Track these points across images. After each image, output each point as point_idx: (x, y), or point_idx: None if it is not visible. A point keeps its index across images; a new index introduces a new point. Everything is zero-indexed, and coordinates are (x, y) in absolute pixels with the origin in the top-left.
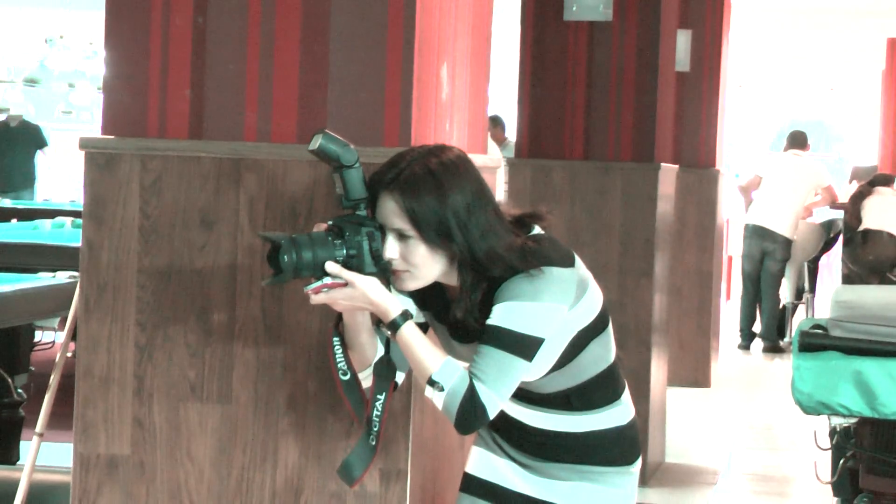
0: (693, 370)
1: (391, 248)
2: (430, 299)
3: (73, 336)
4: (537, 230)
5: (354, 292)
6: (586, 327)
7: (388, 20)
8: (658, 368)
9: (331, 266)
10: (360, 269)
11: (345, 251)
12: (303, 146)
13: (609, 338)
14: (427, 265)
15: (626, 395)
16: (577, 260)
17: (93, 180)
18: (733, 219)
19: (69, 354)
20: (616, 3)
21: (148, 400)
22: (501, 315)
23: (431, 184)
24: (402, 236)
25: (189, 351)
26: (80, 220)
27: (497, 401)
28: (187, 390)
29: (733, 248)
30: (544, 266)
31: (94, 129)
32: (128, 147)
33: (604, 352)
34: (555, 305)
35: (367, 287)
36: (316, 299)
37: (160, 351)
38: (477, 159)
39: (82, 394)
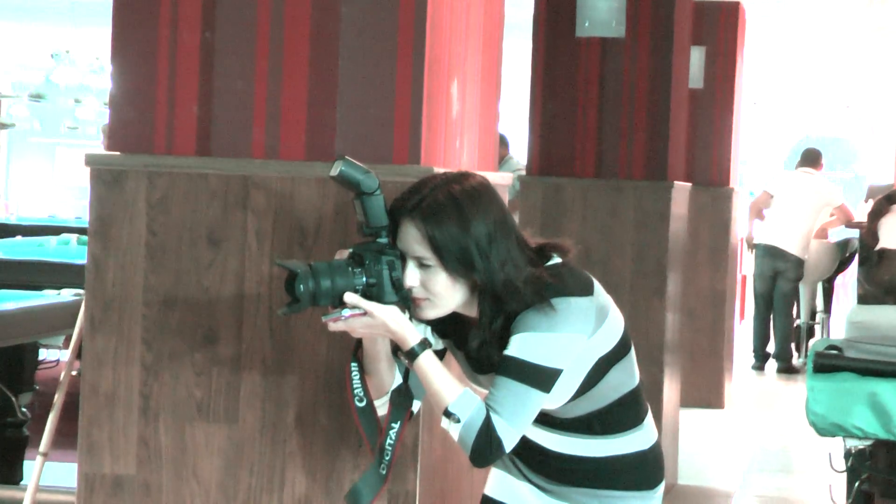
0: (706, 391)
1: (411, 276)
2: (449, 328)
3: (79, 354)
4: (556, 259)
5: (373, 321)
6: (607, 354)
7: (398, 37)
8: (671, 389)
9: (350, 297)
10: (379, 298)
11: (364, 280)
12: (312, 164)
13: (631, 362)
14: (447, 294)
15: (649, 419)
16: (597, 287)
17: (99, 197)
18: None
19: (74, 373)
20: (629, 19)
21: (154, 419)
22: (518, 346)
23: (454, 211)
24: (422, 264)
25: (195, 370)
26: (85, 237)
27: (514, 434)
28: (194, 410)
29: (747, 267)
30: (561, 297)
31: (101, 146)
32: (134, 164)
33: (626, 377)
34: (573, 336)
35: (387, 316)
36: (334, 327)
37: (166, 370)
38: (488, 177)
39: (87, 413)
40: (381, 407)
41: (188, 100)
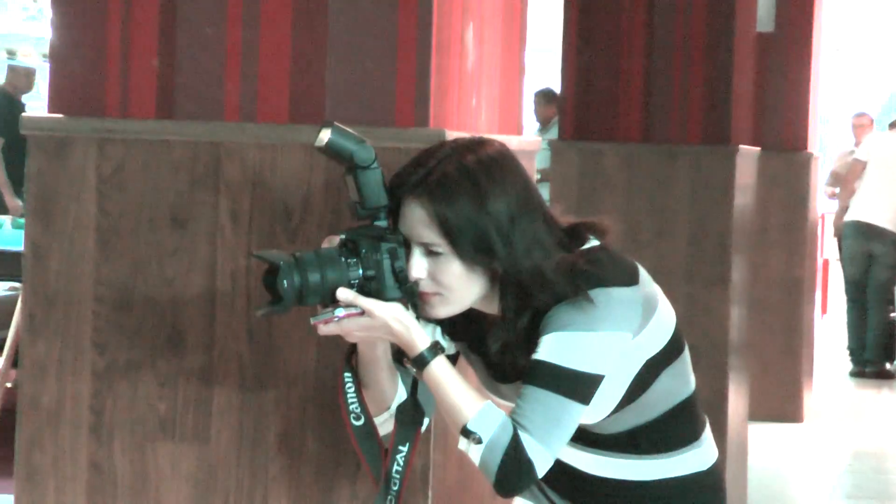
0: (781, 401)
1: (418, 266)
2: (463, 328)
3: (15, 362)
4: (593, 242)
5: (373, 322)
6: (656, 356)
7: None
8: (737, 399)
9: (343, 293)
10: (379, 294)
11: (360, 272)
12: (297, 128)
13: (685, 366)
14: (462, 287)
15: (707, 434)
16: (643, 274)
17: (39, 170)
18: (828, 214)
19: (9, 385)
20: None
21: (108, 439)
22: (550, 348)
23: (468, 186)
24: (431, 252)
25: (158, 379)
26: (21, 220)
27: (547, 455)
28: (156, 427)
29: (830, 249)
30: (600, 288)
31: (41, 108)
32: (82, 129)
33: (679, 383)
34: (615, 334)
35: (389, 315)
36: (325, 330)
37: (123, 379)
38: (510, 142)
39: (26, 432)
40: (383, 425)
41: (146, 51)
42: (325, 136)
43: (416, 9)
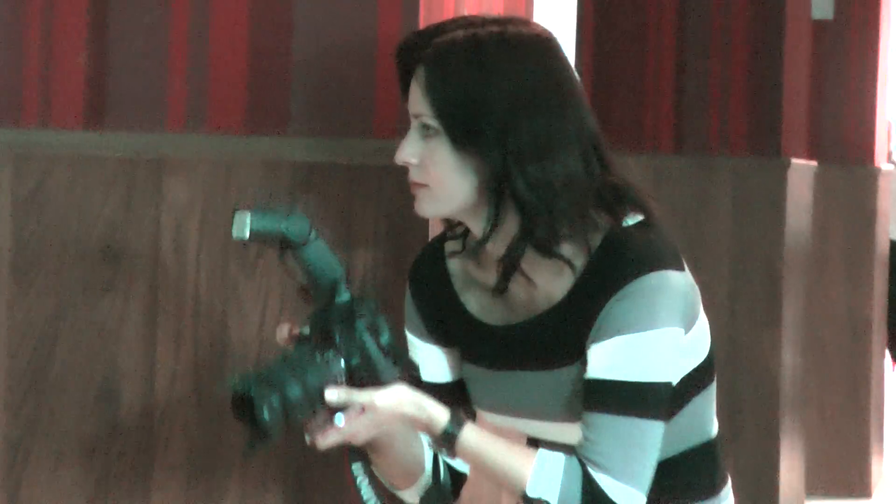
0: (845, 469)
1: (410, 148)
2: (454, 326)
3: None
4: (637, 218)
5: (379, 415)
6: (693, 371)
7: None
8: (791, 467)
9: (332, 395)
10: (374, 381)
11: (342, 363)
12: (255, 139)
13: (713, 397)
14: (451, 181)
15: (728, 493)
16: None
17: None
18: None
19: None
20: None
21: None
22: (613, 359)
23: (472, 56)
24: (425, 131)
25: (85, 447)
26: None
27: (634, 493)
28: None
29: None
30: (659, 271)
31: None
32: None
33: (706, 417)
34: (674, 330)
35: (395, 402)
36: (328, 442)
37: (41, 449)
38: None
39: None
40: (414, 495)
41: (72, 46)
42: (242, 225)
43: None
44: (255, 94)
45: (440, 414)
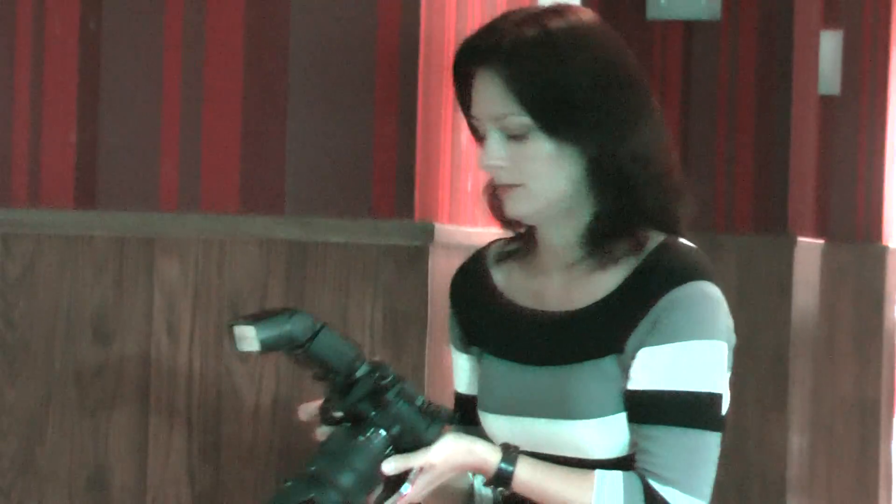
0: None
1: (495, 151)
2: (492, 313)
3: None
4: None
5: (436, 471)
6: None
7: (377, 21)
8: None
9: (391, 466)
10: (420, 443)
11: (384, 435)
12: (249, 219)
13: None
14: (549, 174)
15: None
16: None
17: None
18: None
19: None
20: None
21: None
22: (670, 369)
23: (548, 48)
24: (513, 136)
25: None
26: None
27: None
28: None
29: None
30: (709, 281)
31: None
32: None
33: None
34: (723, 344)
35: (447, 454)
36: None
37: None
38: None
39: None
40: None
41: (62, 124)
42: (248, 337)
43: (395, 68)
44: (248, 173)
45: (492, 454)
